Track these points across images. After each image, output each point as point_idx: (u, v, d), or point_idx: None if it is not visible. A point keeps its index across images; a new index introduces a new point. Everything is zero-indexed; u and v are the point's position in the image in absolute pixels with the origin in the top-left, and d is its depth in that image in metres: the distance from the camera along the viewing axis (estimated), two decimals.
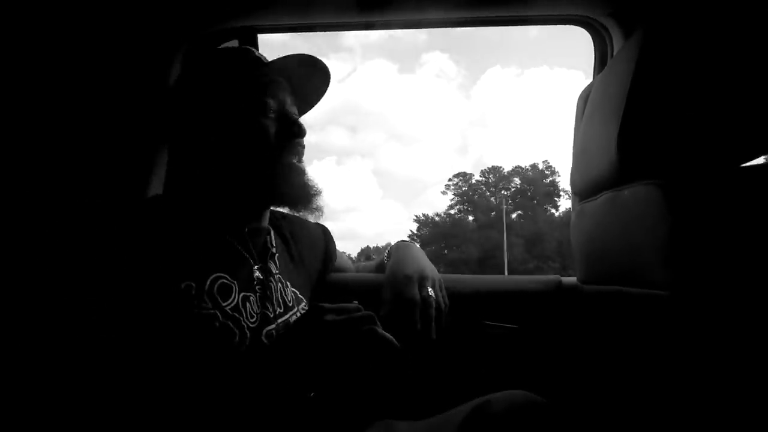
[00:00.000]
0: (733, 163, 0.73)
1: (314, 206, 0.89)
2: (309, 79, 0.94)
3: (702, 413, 0.69)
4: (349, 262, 1.31)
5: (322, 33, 1.35)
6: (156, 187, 1.19)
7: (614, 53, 1.26)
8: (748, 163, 0.73)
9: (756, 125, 0.70)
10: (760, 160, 0.78)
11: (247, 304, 0.81)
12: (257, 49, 1.34)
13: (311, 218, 0.99)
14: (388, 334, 0.70)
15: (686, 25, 0.72)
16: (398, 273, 1.05)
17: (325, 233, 1.17)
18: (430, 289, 1.01)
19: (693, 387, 0.70)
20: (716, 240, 0.65)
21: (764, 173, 0.68)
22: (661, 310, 0.70)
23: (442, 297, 1.04)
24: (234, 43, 1.31)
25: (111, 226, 0.77)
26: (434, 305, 1.00)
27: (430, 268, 1.07)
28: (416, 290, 1.01)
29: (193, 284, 0.76)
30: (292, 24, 1.31)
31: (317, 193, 0.89)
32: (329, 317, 0.69)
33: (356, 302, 0.73)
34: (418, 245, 1.18)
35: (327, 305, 0.71)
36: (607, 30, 1.25)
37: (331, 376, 0.71)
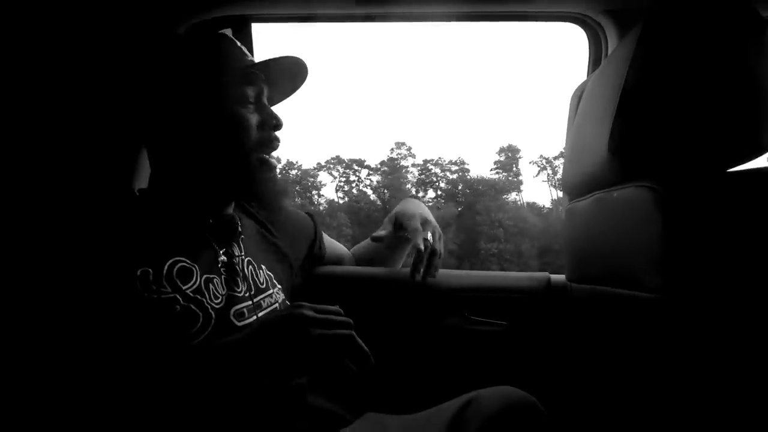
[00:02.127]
0: (722, 167, 0.73)
1: (278, 205, 0.92)
2: (286, 73, 0.92)
3: (689, 415, 0.70)
4: (344, 248, 1.30)
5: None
6: (144, 180, 1.19)
7: (608, 51, 1.26)
8: (735, 168, 0.73)
9: (746, 129, 0.70)
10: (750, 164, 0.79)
11: (210, 286, 0.81)
12: (251, 38, 1.33)
13: (276, 213, 1.02)
14: (364, 346, 0.70)
15: (681, 26, 0.72)
16: (405, 211, 1.17)
17: (313, 219, 1.17)
18: (429, 234, 1.12)
19: (680, 389, 0.71)
20: (705, 244, 0.65)
21: (754, 178, 0.69)
22: (649, 312, 0.71)
23: (439, 246, 1.14)
24: (228, 32, 1.30)
25: (68, 216, 0.77)
26: (430, 247, 1.11)
27: (432, 219, 1.17)
28: (418, 224, 1.13)
29: (150, 270, 0.75)
30: (288, 14, 1.30)
31: (284, 192, 0.90)
32: (309, 314, 0.69)
33: (337, 306, 0.73)
34: (423, 203, 1.25)
35: (307, 305, 0.71)
36: (602, 28, 1.26)
37: (299, 373, 0.73)
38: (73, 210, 0.79)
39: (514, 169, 36.99)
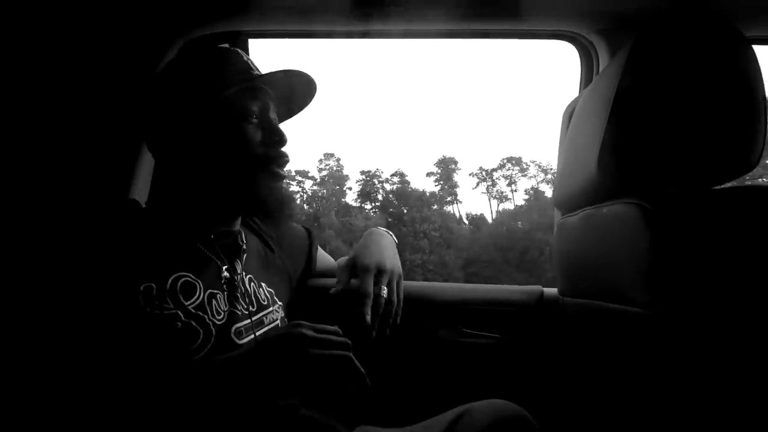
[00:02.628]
0: (710, 184, 0.75)
1: (285, 216, 0.89)
2: (294, 89, 0.93)
3: (679, 427, 0.71)
4: (334, 263, 1.31)
5: None
6: (141, 189, 1.20)
7: (599, 70, 1.28)
8: (720, 186, 0.75)
9: (734, 147, 0.72)
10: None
11: (213, 302, 0.81)
12: (248, 54, 1.35)
13: (281, 226, 1.00)
14: (360, 367, 0.71)
15: (670, 46, 0.73)
16: (358, 259, 1.05)
17: (309, 235, 1.17)
18: (384, 288, 1.01)
19: (667, 402, 0.72)
20: (691, 260, 0.66)
21: (739, 194, 0.70)
22: (637, 326, 0.72)
23: (397, 294, 1.03)
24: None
25: (71, 228, 0.77)
26: (383, 303, 1.00)
27: (391, 262, 1.06)
28: (371, 282, 1.00)
29: (154, 285, 0.76)
30: (284, 30, 1.32)
31: (289, 201, 0.89)
32: (308, 333, 0.69)
33: (336, 327, 0.74)
34: (391, 236, 1.17)
35: (306, 324, 0.71)
36: (594, 46, 1.28)
37: (295, 392, 0.73)
38: (78, 222, 0.79)
39: (452, 180, 37.16)
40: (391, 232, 1.18)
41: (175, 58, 0.92)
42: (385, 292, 1.00)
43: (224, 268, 0.86)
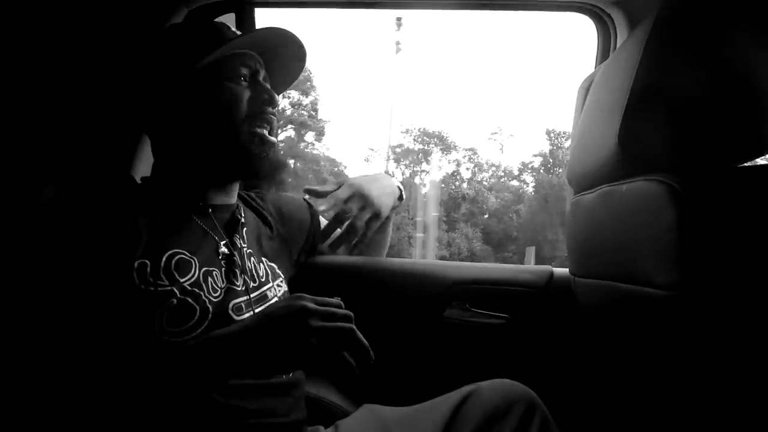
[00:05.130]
0: (731, 163, 0.72)
1: (278, 180, 0.90)
2: (283, 54, 0.92)
3: (695, 414, 0.70)
4: None
5: None
6: (144, 165, 1.18)
7: (617, 43, 1.24)
8: (747, 163, 0.72)
9: (761, 126, 0.69)
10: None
11: (210, 279, 0.80)
12: (254, 23, 1.31)
13: (273, 191, 1.00)
14: (364, 340, 0.69)
15: (695, 19, 0.70)
16: (353, 184, 1.11)
17: (311, 209, 1.16)
18: (354, 207, 1.08)
19: (688, 386, 0.70)
20: (722, 239, 0.64)
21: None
22: (659, 309, 0.70)
23: (362, 220, 1.09)
24: (231, 17, 1.28)
25: (67, 204, 0.76)
26: (353, 230, 1.08)
27: (378, 199, 1.11)
28: (343, 195, 1.08)
29: (148, 261, 0.75)
30: None
31: (283, 166, 0.88)
32: (309, 306, 0.68)
33: (338, 298, 0.72)
34: (395, 180, 1.20)
35: (308, 296, 0.70)
36: (611, 19, 1.24)
37: (297, 365, 0.72)
38: (72, 199, 0.78)
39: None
40: (401, 186, 1.21)
41: (165, 29, 0.90)
42: (354, 211, 1.08)
43: (222, 243, 0.85)
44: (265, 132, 0.86)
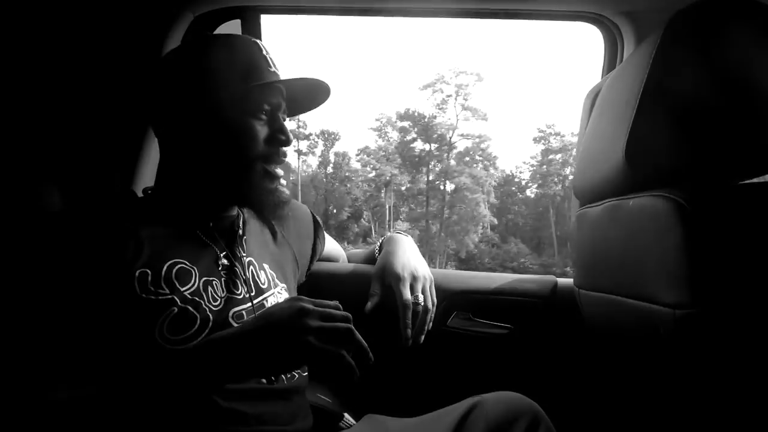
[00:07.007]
0: (742, 177, 0.71)
1: (279, 214, 0.90)
2: (308, 93, 0.92)
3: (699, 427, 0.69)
4: (340, 249, 1.30)
5: None
6: (147, 178, 1.18)
7: (624, 53, 1.24)
8: (755, 179, 0.71)
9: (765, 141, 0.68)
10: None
11: (209, 288, 0.81)
12: (260, 29, 1.31)
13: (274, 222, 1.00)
14: (363, 341, 0.70)
15: (705, 32, 0.70)
16: (389, 268, 1.06)
17: (314, 219, 1.16)
18: (420, 295, 1.03)
19: (696, 406, 0.70)
20: (728, 260, 0.63)
21: None
22: (664, 326, 0.69)
23: (432, 299, 1.06)
24: (236, 23, 1.28)
25: (69, 214, 0.77)
26: (422, 310, 1.02)
27: (422, 267, 1.08)
28: (407, 291, 1.02)
29: (149, 271, 0.75)
30: (297, 6, 1.28)
31: (286, 202, 0.88)
32: (307, 307, 0.68)
33: (336, 301, 0.72)
34: (410, 238, 1.17)
35: (306, 298, 0.70)
36: (618, 29, 1.23)
37: (296, 366, 0.73)
38: (74, 208, 0.79)
39: None
40: (408, 235, 1.18)
41: (192, 39, 0.88)
42: (421, 299, 1.03)
43: (222, 254, 0.86)
44: (275, 169, 0.86)
